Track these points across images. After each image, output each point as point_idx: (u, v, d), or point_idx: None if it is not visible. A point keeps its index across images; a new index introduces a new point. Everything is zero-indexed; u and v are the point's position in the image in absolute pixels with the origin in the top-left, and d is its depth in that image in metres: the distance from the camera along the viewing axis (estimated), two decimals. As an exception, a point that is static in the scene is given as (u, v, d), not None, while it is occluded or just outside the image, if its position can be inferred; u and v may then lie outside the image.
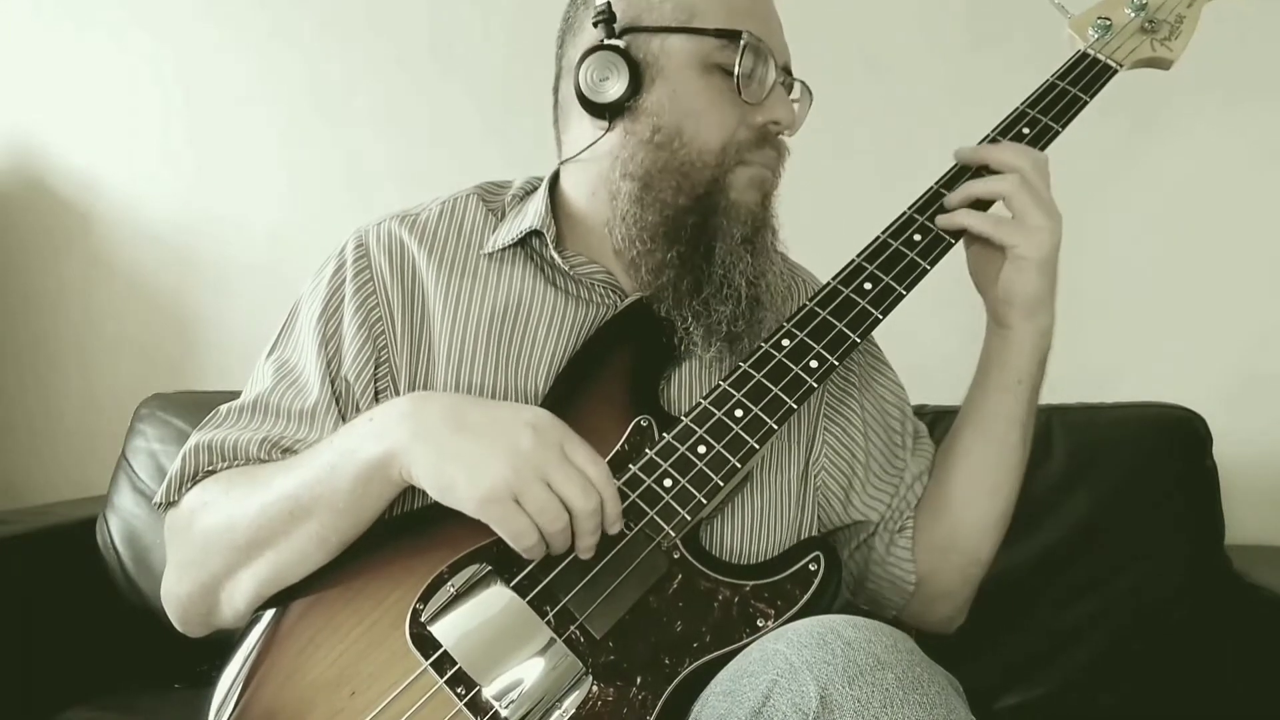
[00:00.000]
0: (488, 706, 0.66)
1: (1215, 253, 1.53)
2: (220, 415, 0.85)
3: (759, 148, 0.85)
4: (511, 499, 0.68)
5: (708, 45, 0.83)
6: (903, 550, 0.90)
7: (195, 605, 0.80)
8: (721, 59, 0.83)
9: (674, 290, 0.83)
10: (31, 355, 1.85)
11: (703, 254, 0.83)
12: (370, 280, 0.87)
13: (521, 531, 0.68)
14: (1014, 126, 0.88)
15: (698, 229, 0.83)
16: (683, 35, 0.83)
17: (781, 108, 0.85)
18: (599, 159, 0.86)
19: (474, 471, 0.68)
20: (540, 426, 0.70)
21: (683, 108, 0.83)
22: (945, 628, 0.93)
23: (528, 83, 1.62)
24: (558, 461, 0.69)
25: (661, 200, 0.83)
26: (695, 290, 0.83)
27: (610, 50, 0.82)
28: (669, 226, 0.83)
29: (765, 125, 0.85)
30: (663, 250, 0.83)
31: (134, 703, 1.30)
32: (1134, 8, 0.93)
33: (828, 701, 0.58)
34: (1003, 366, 0.85)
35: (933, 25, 1.60)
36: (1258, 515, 1.48)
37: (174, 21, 1.78)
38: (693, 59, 0.83)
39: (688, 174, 0.83)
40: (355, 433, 0.74)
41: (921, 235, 0.84)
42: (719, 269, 0.83)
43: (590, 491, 0.69)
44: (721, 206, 0.83)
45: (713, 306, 0.82)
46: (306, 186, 1.77)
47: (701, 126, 0.83)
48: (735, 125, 0.84)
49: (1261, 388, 1.52)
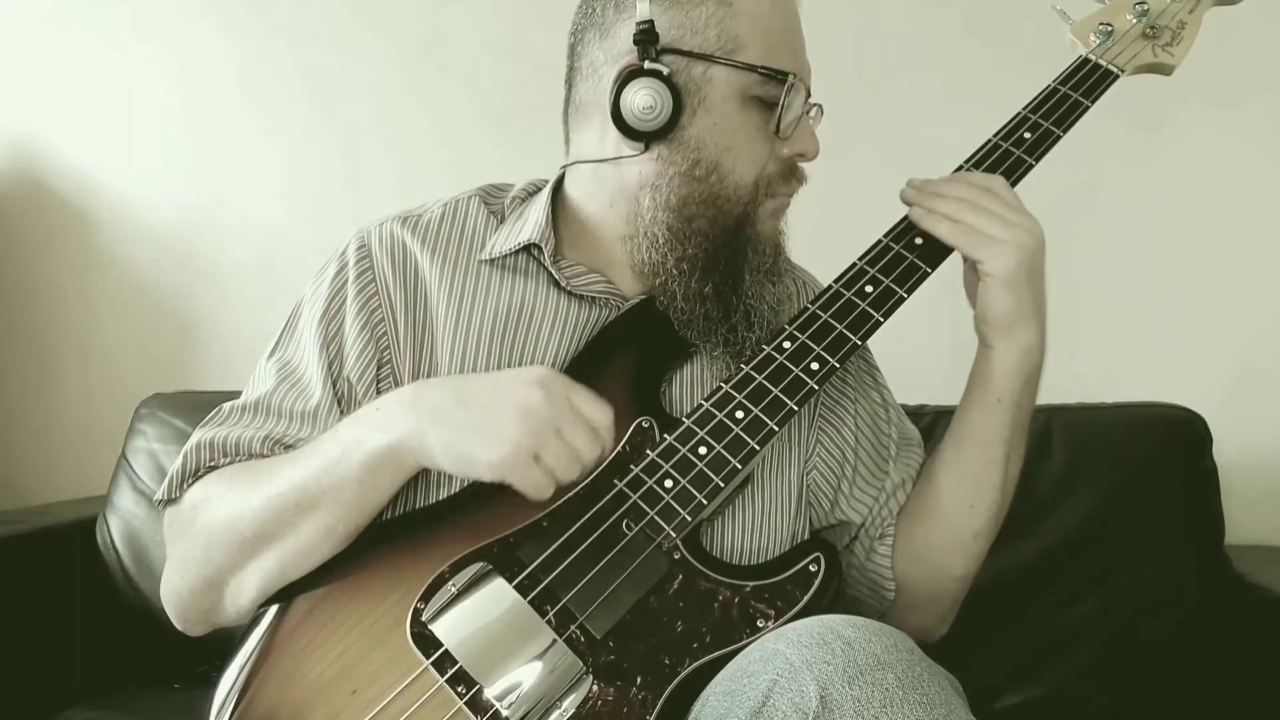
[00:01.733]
0: (488, 706, 0.66)
1: (1215, 253, 1.54)
2: (223, 413, 0.85)
3: (786, 180, 0.86)
4: (530, 457, 0.69)
5: (750, 78, 0.81)
6: (882, 558, 0.90)
7: (198, 602, 0.80)
8: (761, 92, 0.82)
9: (705, 319, 0.83)
10: (31, 355, 1.85)
11: (732, 285, 0.83)
12: (372, 281, 0.87)
13: (542, 486, 0.70)
14: (1016, 131, 0.88)
15: (730, 262, 0.83)
16: (728, 67, 0.81)
17: (809, 139, 0.85)
18: (622, 174, 0.85)
19: (489, 438, 0.69)
20: (545, 382, 0.71)
21: (722, 142, 0.82)
22: (925, 637, 0.91)
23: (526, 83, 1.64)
24: (567, 412, 0.70)
25: (700, 233, 0.82)
26: (724, 319, 0.83)
27: (654, 76, 0.80)
28: (706, 260, 0.83)
29: (792, 158, 0.85)
30: (700, 281, 0.83)
31: (134, 703, 1.30)
32: (1136, 14, 0.93)
33: (828, 701, 0.58)
34: (983, 384, 0.84)
35: (933, 26, 1.60)
36: (1258, 515, 1.48)
37: (174, 22, 1.78)
38: (734, 91, 0.82)
39: (721, 207, 0.82)
40: (362, 422, 0.75)
41: (923, 239, 0.84)
42: (748, 300, 0.83)
43: (596, 442, 0.71)
44: (750, 239, 0.84)
45: (740, 333, 0.83)
46: (306, 186, 1.77)
47: (739, 162, 0.82)
48: (766, 159, 0.84)
49: (1261, 388, 1.52)
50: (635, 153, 0.83)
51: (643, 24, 0.79)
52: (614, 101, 0.80)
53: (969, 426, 0.86)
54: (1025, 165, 0.86)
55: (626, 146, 0.83)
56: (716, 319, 0.83)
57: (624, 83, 0.80)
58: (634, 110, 0.80)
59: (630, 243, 0.85)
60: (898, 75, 1.60)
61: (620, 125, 0.81)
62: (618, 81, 0.81)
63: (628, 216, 0.85)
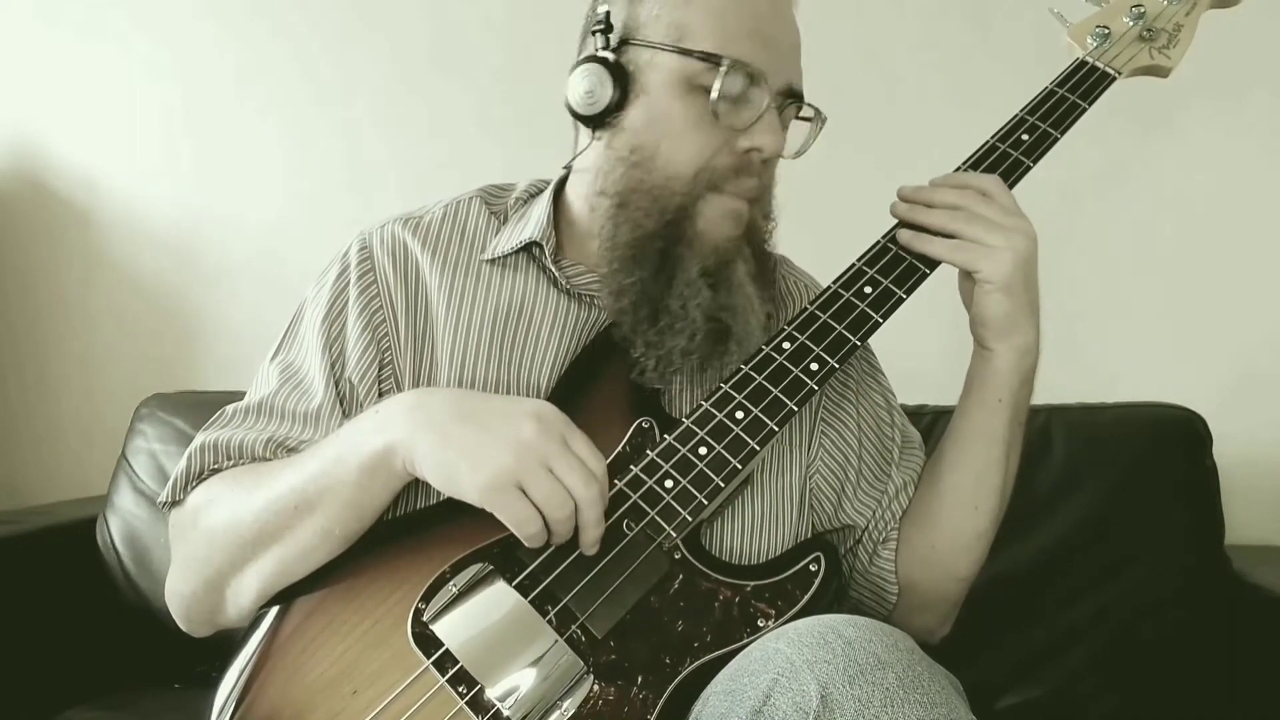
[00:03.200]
0: (489, 705, 0.66)
1: (1215, 253, 1.54)
2: (226, 415, 0.85)
3: (737, 176, 0.82)
4: (515, 486, 0.68)
5: (694, 66, 0.80)
6: (886, 561, 0.90)
7: (200, 603, 0.80)
8: (706, 81, 0.80)
9: (633, 315, 0.81)
10: (31, 355, 1.85)
11: (663, 283, 0.81)
12: (374, 283, 0.87)
13: (525, 519, 0.68)
14: (1014, 133, 0.88)
15: (661, 256, 0.81)
16: (671, 54, 0.81)
17: (767, 134, 0.81)
18: (588, 169, 0.86)
19: (477, 460, 0.68)
20: (543, 416, 0.70)
21: (660, 128, 0.81)
22: (927, 638, 0.92)
23: (527, 82, 1.64)
24: (560, 450, 0.69)
25: (633, 221, 0.81)
26: (652, 319, 0.81)
27: (598, 63, 0.81)
28: (637, 250, 0.81)
29: (748, 152, 0.82)
30: (626, 273, 0.81)
31: (134, 703, 1.30)
32: (1132, 16, 0.93)
33: (828, 701, 0.58)
34: (983, 385, 0.84)
35: (933, 26, 1.60)
36: (1258, 515, 1.48)
37: (174, 22, 1.78)
38: (677, 78, 0.80)
39: (658, 197, 0.81)
40: (360, 426, 0.75)
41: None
42: (675, 300, 0.80)
43: (591, 480, 0.69)
44: (687, 236, 0.81)
45: (666, 338, 0.80)
46: (306, 186, 1.77)
47: (677, 149, 0.81)
48: (713, 151, 0.81)
49: (1261, 388, 1.52)
50: (589, 141, 0.85)
51: (598, 17, 0.82)
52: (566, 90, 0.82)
53: (971, 427, 0.86)
54: (1023, 167, 0.86)
55: (584, 136, 0.85)
56: (644, 318, 0.81)
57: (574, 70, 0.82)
58: (577, 95, 0.81)
59: (597, 239, 0.85)
60: (897, 77, 1.60)
61: (570, 112, 0.83)
62: (570, 70, 0.82)
63: (595, 211, 0.85)
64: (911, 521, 0.91)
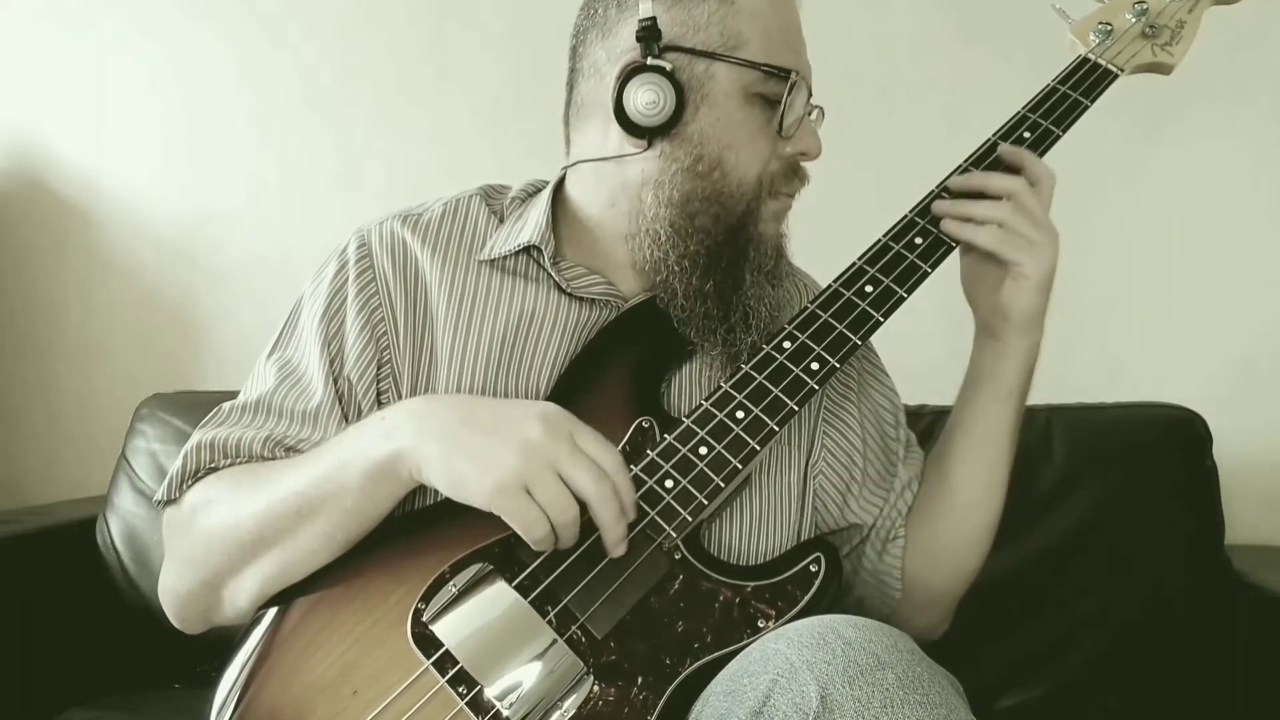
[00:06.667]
0: (489, 706, 0.66)
1: (1215, 253, 1.54)
2: (223, 413, 0.85)
3: (788, 179, 0.86)
4: (522, 489, 0.68)
5: (752, 75, 0.81)
6: (893, 559, 0.90)
7: (195, 602, 0.80)
8: (764, 90, 0.82)
9: (705, 318, 0.83)
10: (31, 355, 1.85)
11: (732, 285, 0.83)
12: (373, 280, 0.87)
13: (533, 522, 0.68)
14: (1015, 130, 0.88)
15: (732, 261, 0.83)
16: (734, 64, 0.81)
17: (811, 139, 0.85)
18: (624, 172, 0.85)
19: (484, 464, 0.69)
20: (549, 417, 0.70)
21: (725, 138, 0.82)
22: (929, 635, 0.92)
23: (525, 83, 1.64)
24: (568, 450, 0.69)
25: (703, 229, 0.82)
26: (724, 319, 0.83)
27: (657, 72, 0.80)
28: (709, 257, 0.82)
29: (794, 156, 0.85)
30: (701, 279, 0.82)
31: (134, 703, 1.30)
32: (1135, 13, 0.93)
33: (828, 701, 0.58)
34: (995, 378, 0.85)
35: (933, 26, 1.60)
36: (1258, 515, 1.48)
37: (173, 22, 1.78)
38: (737, 88, 0.82)
39: (725, 204, 0.82)
40: (367, 431, 0.75)
41: (923, 238, 0.84)
42: (747, 301, 0.83)
43: (601, 477, 0.69)
44: (753, 238, 0.84)
45: (738, 335, 0.83)
46: (305, 186, 1.77)
47: (742, 158, 0.82)
48: (769, 157, 0.84)
49: (1261, 388, 1.52)
50: (638, 150, 0.83)
51: (645, 21, 0.80)
52: (617, 99, 0.80)
53: (981, 421, 0.86)
54: None
55: (629, 144, 0.83)
56: (716, 318, 0.83)
57: (626, 79, 0.80)
58: (638, 106, 0.80)
59: (632, 241, 0.85)
60: (898, 75, 1.60)
61: (623, 122, 0.81)
62: (620, 79, 0.81)
63: (630, 214, 0.85)
64: (920, 518, 0.91)
